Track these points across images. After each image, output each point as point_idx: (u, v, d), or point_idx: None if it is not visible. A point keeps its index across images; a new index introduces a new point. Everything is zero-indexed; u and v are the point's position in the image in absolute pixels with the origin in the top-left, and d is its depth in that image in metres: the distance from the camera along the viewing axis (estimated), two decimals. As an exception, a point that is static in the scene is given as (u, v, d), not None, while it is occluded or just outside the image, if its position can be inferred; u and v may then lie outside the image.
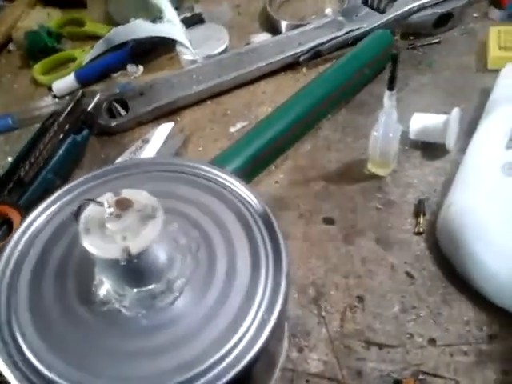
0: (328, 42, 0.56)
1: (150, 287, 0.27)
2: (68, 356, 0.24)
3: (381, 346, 0.35)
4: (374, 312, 0.37)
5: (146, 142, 0.52)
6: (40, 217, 0.31)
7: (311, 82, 0.50)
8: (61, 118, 0.55)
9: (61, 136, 0.53)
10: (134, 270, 0.25)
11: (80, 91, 0.58)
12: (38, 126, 0.59)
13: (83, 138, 0.54)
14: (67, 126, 0.54)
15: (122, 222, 0.24)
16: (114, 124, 0.56)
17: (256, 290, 0.27)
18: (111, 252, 0.23)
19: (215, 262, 0.29)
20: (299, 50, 0.56)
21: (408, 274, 0.39)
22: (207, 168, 0.34)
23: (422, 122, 0.46)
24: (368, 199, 0.44)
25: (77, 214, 0.24)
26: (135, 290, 0.26)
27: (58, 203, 0.32)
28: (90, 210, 0.24)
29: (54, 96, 0.63)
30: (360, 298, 0.38)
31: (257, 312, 0.26)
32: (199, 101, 0.57)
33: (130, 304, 0.26)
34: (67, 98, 0.63)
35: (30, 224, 0.31)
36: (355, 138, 0.49)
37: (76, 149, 0.54)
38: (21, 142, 0.59)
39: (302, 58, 0.56)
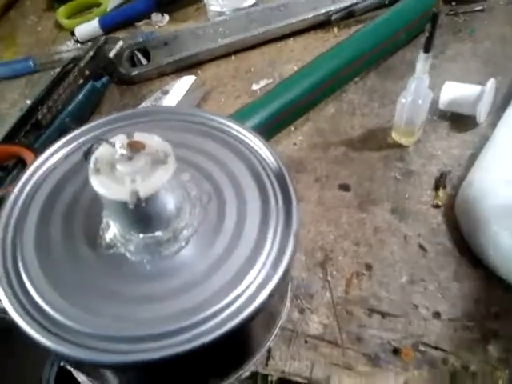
0: (363, 1, 0.53)
1: (157, 234, 0.26)
2: (70, 294, 0.25)
3: (384, 315, 0.35)
4: (380, 281, 0.37)
5: (166, 93, 0.51)
6: (53, 156, 0.31)
7: (342, 41, 0.48)
8: (81, 64, 0.54)
9: (80, 81, 0.53)
10: (141, 215, 0.24)
11: (102, 37, 0.57)
12: (58, 70, 0.59)
13: (103, 85, 0.54)
14: (87, 72, 0.54)
15: (133, 164, 0.23)
16: (134, 73, 0.55)
17: (263, 245, 0.26)
18: (120, 194, 0.23)
19: (224, 216, 0.28)
20: (332, 8, 0.54)
21: (421, 246, 0.38)
22: (225, 121, 0.33)
23: (454, 91, 0.44)
24: (388, 168, 0.42)
25: (87, 153, 0.24)
26: (141, 235, 0.26)
27: (73, 144, 0.32)
28: (102, 151, 0.24)
29: (77, 41, 0.63)
30: (368, 266, 0.37)
31: (262, 266, 0.26)
32: (223, 55, 0.55)
33: (136, 249, 0.26)
34: (89, 43, 0.62)
35: (43, 162, 0.30)
36: (382, 103, 0.47)
37: (95, 95, 0.53)
38: (41, 85, 0.59)
39: (333, 17, 0.54)
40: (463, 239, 0.37)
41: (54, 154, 0.31)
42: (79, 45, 0.62)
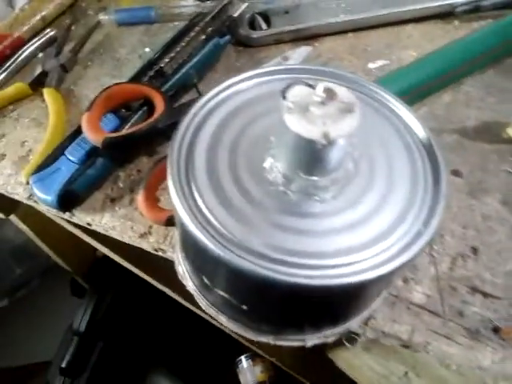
0: (492, -3, 0.54)
1: (317, 179, 0.29)
2: (239, 216, 0.27)
3: (486, 295, 0.37)
4: (486, 265, 0.38)
5: (286, 59, 0.54)
6: (224, 91, 0.33)
7: (468, 35, 0.49)
8: (206, 19, 0.57)
9: (203, 37, 0.56)
10: (317, 157, 0.27)
11: (228, -3, 0.59)
12: (176, 23, 0.62)
13: (225, 43, 0.56)
14: (211, 28, 0.56)
15: (325, 109, 0.26)
16: (254, 36, 0.57)
17: (413, 204, 0.29)
18: (312, 133, 0.25)
19: (375, 173, 0.30)
20: (458, 0, 0.54)
21: (528, 239, 0.39)
22: (377, 89, 0.34)
23: None
24: (501, 161, 0.44)
25: (285, 91, 0.26)
26: (304, 176, 0.29)
27: (246, 82, 0.34)
28: (299, 92, 0.26)
29: (198, -4, 0.65)
30: (474, 249, 0.39)
31: (413, 223, 0.28)
32: (341, 31, 0.57)
33: (297, 189, 0.29)
34: (208, 2, 0.64)
35: (215, 95, 0.33)
36: (498, 100, 0.48)
37: (217, 52, 0.56)
38: (158, 35, 0.62)
39: (458, 9, 0.54)
40: None
41: (222, 92, 0.33)
42: (198, 1, 0.65)
